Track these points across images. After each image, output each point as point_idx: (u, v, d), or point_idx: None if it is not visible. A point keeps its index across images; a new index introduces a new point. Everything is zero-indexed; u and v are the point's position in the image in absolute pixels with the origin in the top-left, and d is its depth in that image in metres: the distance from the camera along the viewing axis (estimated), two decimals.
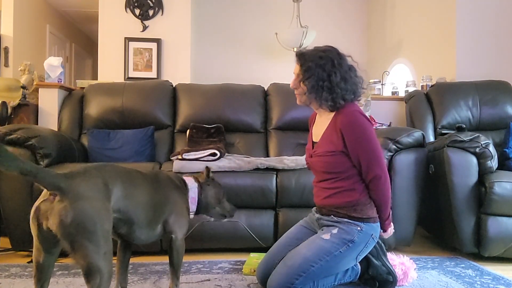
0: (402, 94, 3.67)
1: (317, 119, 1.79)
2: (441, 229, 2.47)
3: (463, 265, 2.16)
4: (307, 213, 1.85)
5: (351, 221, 1.61)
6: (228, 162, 2.35)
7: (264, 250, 1.98)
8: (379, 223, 1.66)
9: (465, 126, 2.39)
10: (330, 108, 1.65)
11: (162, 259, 2.16)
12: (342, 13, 5.66)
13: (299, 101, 1.73)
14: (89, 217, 1.16)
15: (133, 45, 4.28)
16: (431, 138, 2.96)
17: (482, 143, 2.18)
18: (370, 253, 1.72)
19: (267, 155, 2.93)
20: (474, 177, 2.20)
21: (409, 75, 4.43)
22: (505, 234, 2.16)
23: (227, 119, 2.95)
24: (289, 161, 2.39)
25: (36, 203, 1.20)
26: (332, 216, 1.65)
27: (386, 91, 4.01)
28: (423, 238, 2.80)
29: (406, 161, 2.30)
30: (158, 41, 4.30)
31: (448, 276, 1.96)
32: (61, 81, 3.03)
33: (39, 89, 2.97)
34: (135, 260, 2.16)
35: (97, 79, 4.49)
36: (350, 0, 5.68)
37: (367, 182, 1.62)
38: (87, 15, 6.34)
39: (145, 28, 4.32)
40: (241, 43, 5.48)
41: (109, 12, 4.32)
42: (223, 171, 2.29)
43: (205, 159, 2.39)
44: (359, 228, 1.60)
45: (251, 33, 5.49)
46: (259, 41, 5.48)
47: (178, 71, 4.29)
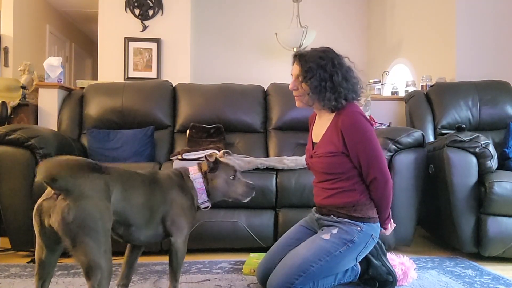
0: (402, 94, 3.67)
1: (317, 119, 1.78)
2: (441, 229, 2.47)
3: (463, 265, 2.16)
4: (307, 213, 1.84)
5: (351, 221, 1.61)
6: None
7: (264, 250, 1.98)
8: (379, 223, 1.66)
9: (465, 126, 2.39)
10: (333, 108, 1.64)
11: (162, 259, 2.16)
12: (342, 13, 5.66)
13: (299, 103, 1.71)
14: (91, 215, 1.19)
15: (133, 45, 4.28)
16: (431, 138, 2.96)
17: (482, 143, 2.18)
18: (370, 253, 1.72)
19: (267, 155, 2.93)
20: (474, 177, 2.20)
21: (409, 75, 4.43)
22: (505, 234, 2.16)
23: (227, 119, 2.95)
24: (289, 161, 2.39)
25: (39, 201, 1.22)
26: (332, 216, 1.65)
27: (386, 91, 4.01)
28: (423, 238, 2.80)
29: (406, 161, 2.30)
30: (158, 41, 4.30)
31: (448, 276, 1.96)
32: (61, 81, 3.03)
33: (39, 89, 2.97)
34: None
35: (97, 79, 4.49)
36: (350, 0, 5.68)
37: (367, 183, 1.62)
38: (87, 15, 6.34)
39: (145, 28, 4.32)
40: (241, 43, 5.48)
41: (109, 12, 4.32)
42: None
43: None
44: (359, 228, 1.60)
45: (251, 33, 5.49)
46: (259, 41, 5.48)
47: (178, 71, 4.29)
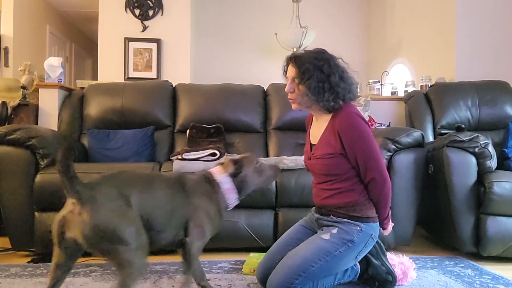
0: (401, 94, 3.68)
1: (314, 121, 1.78)
2: (440, 228, 2.48)
3: (462, 264, 2.16)
4: (307, 213, 1.85)
5: (350, 221, 1.61)
6: None
7: (264, 250, 1.98)
8: (378, 223, 1.66)
9: (464, 126, 2.39)
10: (330, 108, 1.64)
11: (162, 259, 2.17)
12: (341, 13, 5.66)
13: (295, 105, 1.70)
14: (107, 226, 1.22)
15: (133, 45, 4.29)
16: (430, 138, 2.96)
17: (481, 143, 2.18)
18: (369, 253, 1.73)
19: (266, 155, 2.93)
20: (473, 177, 2.20)
21: (409, 75, 4.44)
22: (504, 233, 2.16)
23: (226, 119, 2.95)
24: (289, 161, 2.39)
25: (60, 213, 1.27)
26: (332, 216, 1.65)
27: (386, 91, 4.01)
28: (422, 238, 2.80)
29: (405, 161, 2.31)
30: (158, 41, 4.30)
31: (447, 276, 1.97)
32: (61, 81, 3.03)
33: (39, 89, 2.97)
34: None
35: (97, 79, 4.49)
36: (350, 0, 5.69)
37: (366, 184, 1.62)
38: (87, 15, 6.34)
39: (145, 28, 4.33)
40: (240, 43, 5.49)
41: (109, 12, 4.32)
42: None
43: (205, 159, 2.39)
44: (358, 228, 1.60)
45: (250, 33, 5.50)
46: (258, 41, 5.49)
47: (178, 71, 4.29)
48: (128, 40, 4.28)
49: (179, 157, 2.46)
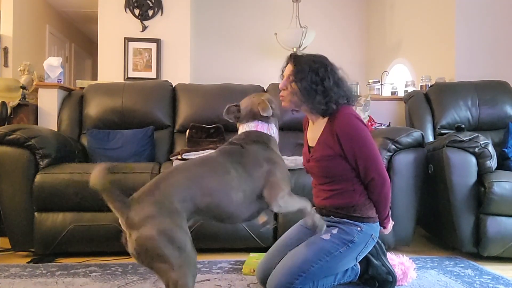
0: (401, 94, 3.67)
1: (311, 125, 1.77)
2: (440, 229, 2.48)
3: (462, 264, 2.16)
4: None
5: (351, 221, 1.61)
6: None
7: (263, 250, 1.98)
8: (378, 223, 1.66)
9: (464, 126, 2.39)
10: (322, 112, 1.63)
11: None
12: (341, 13, 5.67)
13: (286, 103, 1.70)
14: (149, 244, 1.22)
15: (132, 45, 4.28)
16: (430, 138, 2.96)
17: (481, 143, 2.18)
18: (369, 253, 1.73)
19: None
20: (473, 177, 2.20)
21: (409, 75, 4.44)
22: (504, 234, 2.16)
23: (226, 119, 2.94)
24: (289, 161, 2.39)
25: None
26: (332, 216, 1.65)
27: (386, 91, 4.01)
28: (422, 238, 2.80)
29: (405, 161, 2.31)
30: (157, 41, 4.30)
31: (447, 276, 1.97)
32: (60, 81, 3.03)
33: (39, 89, 2.97)
34: (134, 260, 2.16)
35: (96, 79, 4.49)
36: (350, 1, 5.69)
37: (365, 184, 1.62)
38: (86, 15, 6.34)
39: (144, 28, 4.32)
40: (240, 43, 5.49)
41: (109, 12, 4.32)
42: None
43: None
44: (359, 228, 1.60)
45: (250, 33, 5.50)
46: (258, 41, 5.49)
47: (178, 71, 4.29)
48: (127, 40, 4.28)
49: (179, 157, 2.46)
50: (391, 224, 1.73)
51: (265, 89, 3.18)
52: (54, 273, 1.97)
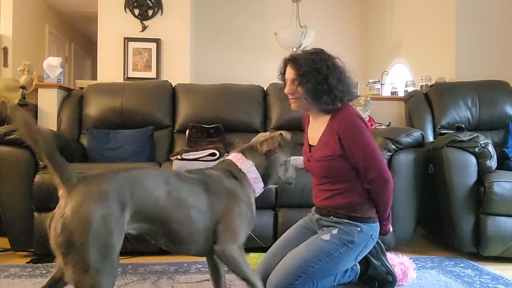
0: (401, 94, 3.67)
1: (311, 122, 1.76)
2: (440, 228, 2.48)
3: (462, 264, 2.16)
4: (307, 213, 1.84)
5: (351, 221, 1.61)
6: None
7: (263, 250, 1.97)
8: (378, 223, 1.66)
9: (464, 126, 2.39)
10: (329, 111, 1.64)
11: (162, 259, 2.16)
12: (341, 13, 5.67)
13: (296, 106, 1.69)
14: (81, 226, 1.03)
15: (132, 45, 4.28)
16: (430, 138, 2.96)
17: (481, 143, 2.18)
18: (369, 253, 1.72)
19: None
20: (473, 177, 2.20)
21: (408, 75, 4.44)
22: (504, 233, 2.16)
23: (226, 119, 2.95)
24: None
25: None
26: (332, 216, 1.65)
27: (386, 91, 4.01)
28: (422, 238, 2.80)
29: (405, 161, 2.30)
30: (157, 41, 4.29)
31: (447, 276, 1.97)
32: (60, 81, 3.03)
33: (39, 89, 2.97)
34: (134, 260, 2.16)
35: (96, 79, 4.49)
36: (350, 0, 5.69)
37: (367, 184, 1.62)
38: (86, 15, 6.34)
39: (144, 28, 4.32)
40: (240, 43, 5.48)
41: (109, 12, 4.32)
42: None
43: (204, 159, 2.39)
44: (359, 229, 1.60)
45: (250, 33, 5.49)
46: (258, 41, 5.48)
47: (178, 71, 4.29)
48: (127, 40, 4.27)
49: (179, 157, 2.46)
50: (390, 228, 1.72)
51: (265, 89, 3.18)
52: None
